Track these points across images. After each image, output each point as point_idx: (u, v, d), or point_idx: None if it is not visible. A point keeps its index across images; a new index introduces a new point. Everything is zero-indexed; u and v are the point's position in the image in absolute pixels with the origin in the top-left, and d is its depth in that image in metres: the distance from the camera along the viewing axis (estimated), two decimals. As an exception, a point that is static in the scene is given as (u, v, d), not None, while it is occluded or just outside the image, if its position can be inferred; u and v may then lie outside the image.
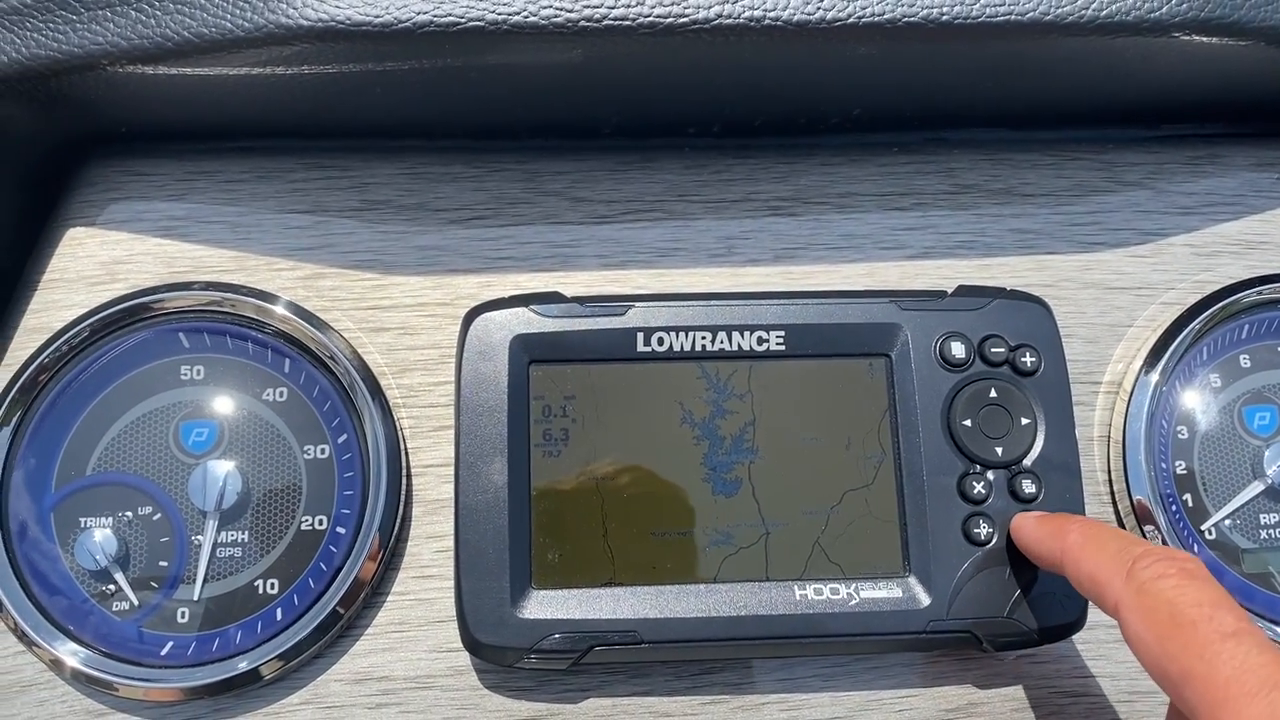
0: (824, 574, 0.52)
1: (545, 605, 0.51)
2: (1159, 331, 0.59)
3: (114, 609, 0.53)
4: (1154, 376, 0.57)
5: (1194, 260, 0.61)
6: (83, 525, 0.53)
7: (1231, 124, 0.65)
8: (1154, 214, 0.62)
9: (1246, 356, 0.60)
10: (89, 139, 0.60)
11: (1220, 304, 0.59)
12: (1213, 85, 0.60)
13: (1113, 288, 0.61)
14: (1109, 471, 0.58)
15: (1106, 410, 0.59)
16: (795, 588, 0.51)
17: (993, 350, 0.54)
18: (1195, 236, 0.62)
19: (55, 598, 0.53)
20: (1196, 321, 0.58)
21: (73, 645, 0.52)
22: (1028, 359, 0.54)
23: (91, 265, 0.58)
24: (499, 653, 0.50)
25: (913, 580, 0.52)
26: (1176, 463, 0.58)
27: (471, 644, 0.51)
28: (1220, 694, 0.35)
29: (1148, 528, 0.55)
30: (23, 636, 0.51)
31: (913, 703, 0.54)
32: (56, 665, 0.51)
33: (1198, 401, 0.59)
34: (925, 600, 0.51)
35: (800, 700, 0.53)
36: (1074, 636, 0.53)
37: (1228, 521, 0.57)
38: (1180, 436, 0.58)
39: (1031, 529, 0.49)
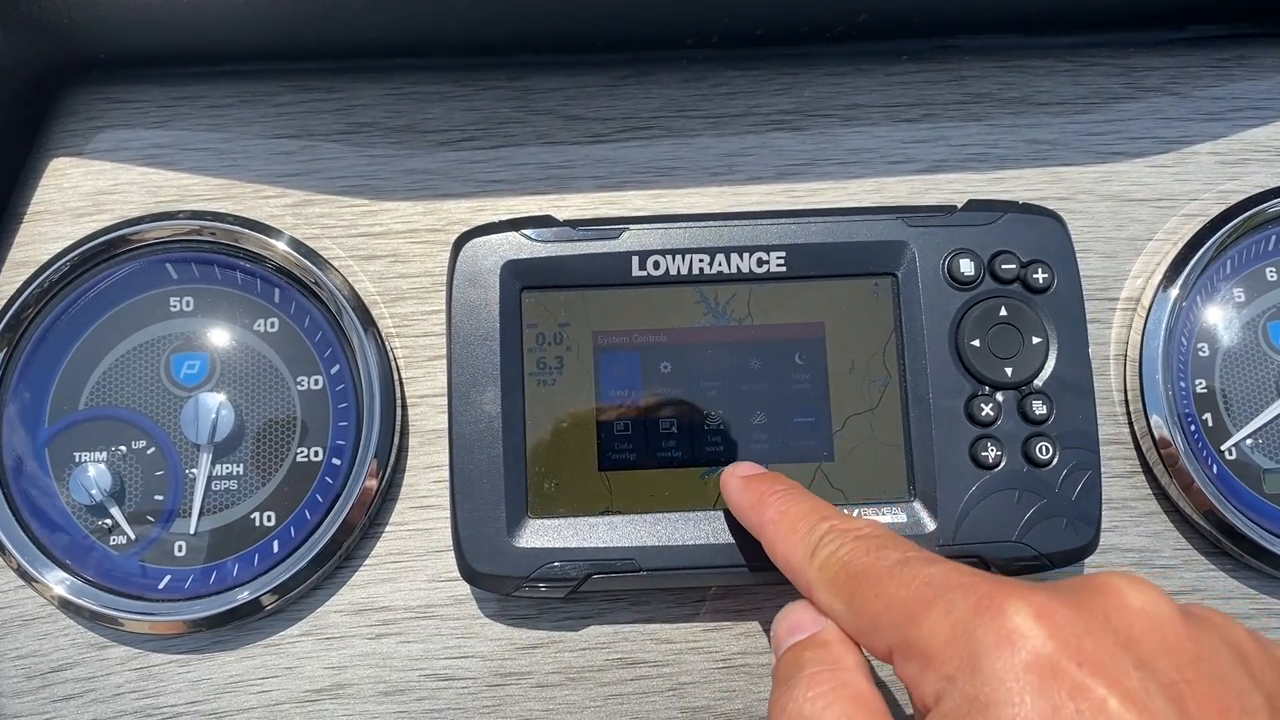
0: (827, 499, 0.50)
1: (542, 534, 0.50)
2: (1180, 245, 0.56)
3: (112, 543, 0.53)
4: (1174, 292, 0.55)
5: (1219, 169, 0.59)
6: (77, 460, 0.53)
7: (1261, 22, 0.61)
8: (1177, 121, 0.59)
9: (1273, 269, 0.57)
10: (69, 66, 0.58)
11: (1246, 214, 0.56)
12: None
13: (1132, 199, 0.58)
14: (1125, 391, 0.56)
15: (1124, 328, 0.57)
16: (797, 514, 0.50)
17: (1003, 267, 0.52)
18: (1221, 144, 0.59)
19: (56, 534, 0.53)
20: (1220, 233, 0.56)
21: (74, 580, 0.52)
22: (1039, 275, 0.52)
23: (76, 196, 0.57)
24: (496, 581, 0.50)
25: (918, 505, 0.50)
26: (1196, 381, 0.56)
27: (468, 573, 0.50)
28: (901, 617, 0.35)
29: (1164, 448, 0.54)
30: (23, 573, 0.51)
31: (919, 628, 0.53)
32: (58, 600, 0.51)
33: (1220, 317, 0.57)
34: (931, 525, 0.50)
35: (804, 626, 0.53)
36: (1085, 560, 0.52)
37: (1249, 441, 0.56)
38: (1201, 354, 0.56)
39: (735, 494, 0.47)
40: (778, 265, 0.52)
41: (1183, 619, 0.33)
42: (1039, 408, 0.51)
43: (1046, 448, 0.50)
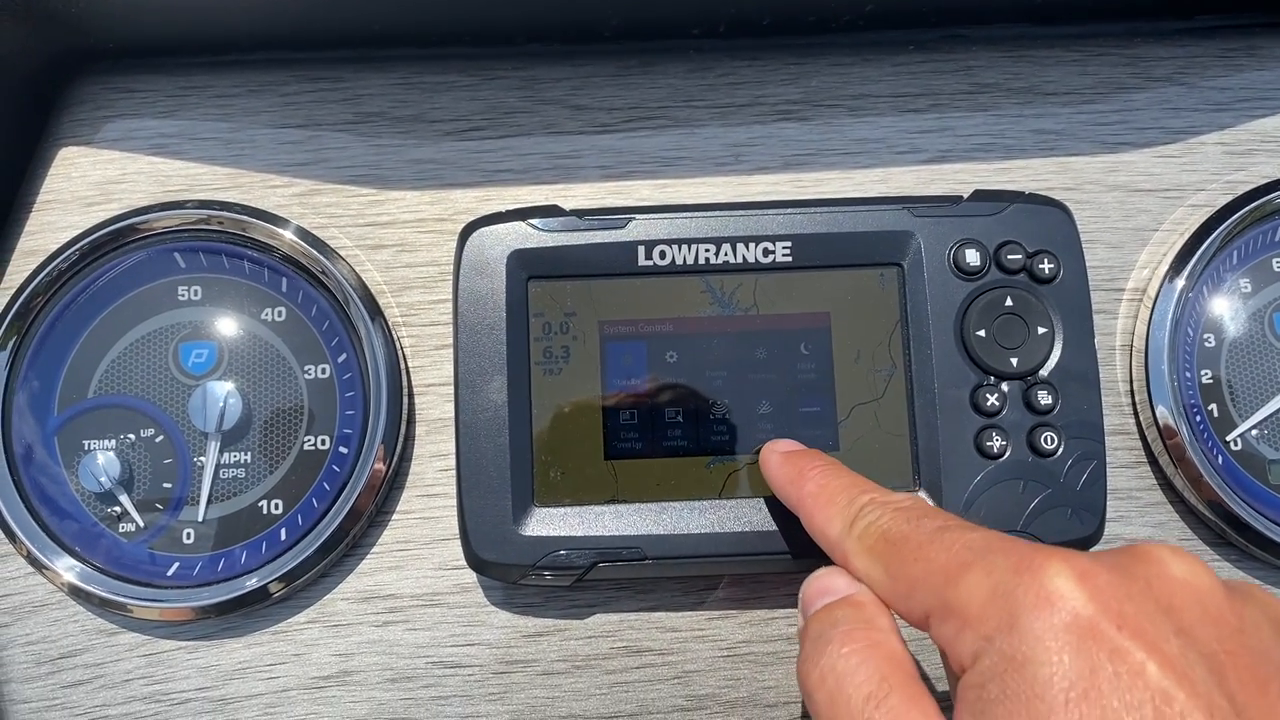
0: (831, 489, 0.51)
1: (548, 522, 0.50)
2: (1186, 235, 0.56)
3: (121, 530, 0.53)
4: (1180, 282, 0.55)
5: (1226, 159, 0.58)
6: (86, 448, 0.53)
7: (1269, 13, 0.61)
8: (1184, 111, 0.59)
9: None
10: (77, 55, 0.58)
11: (1252, 205, 0.56)
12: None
13: (1139, 190, 0.58)
14: (1130, 381, 0.56)
15: (1130, 318, 0.57)
16: (802, 503, 0.50)
17: (1009, 257, 0.52)
18: (1228, 134, 0.59)
19: (65, 521, 0.53)
20: (1227, 224, 0.56)
21: (83, 567, 0.52)
22: (1045, 266, 0.52)
23: (85, 185, 0.57)
24: (502, 570, 0.50)
25: (923, 494, 0.51)
26: (1202, 371, 0.56)
27: (475, 561, 0.50)
28: (940, 579, 0.35)
29: (1170, 438, 0.54)
30: (33, 560, 0.52)
31: (923, 617, 0.53)
32: (67, 586, 0.52)
33: (1226, 308, 0.57)
34: (935, 515, 0.50)
35: (809, 615, 0.53)
36: (1089, 550, 0.52)
37: (1255, 431, 0.56)
38: (1207, 344, 0.56)
39: (775, 469, 0.47)
40: (784, 255, 0.52)
41: (1225, 591, 0.33)
42: (1044, 398, 0.51)
43: (1051, 438, 0.51)
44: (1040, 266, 0.52)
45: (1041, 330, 0.52)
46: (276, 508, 0.53)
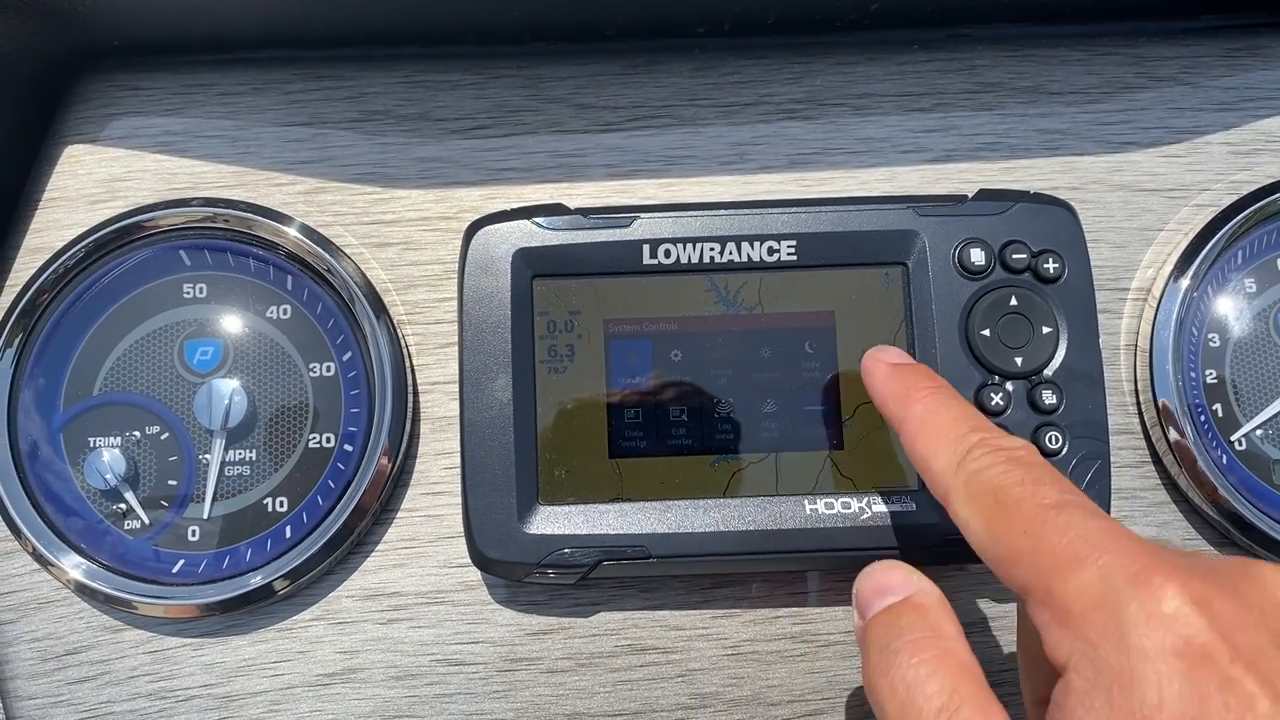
0: (835, 488, 0.51)
1: (552, 520, 0.50)
2: (1191, 235, 0.56)
3: (126, 528, 0.53)
4: (1184, 282, 0.55)
5: (1231, 159, 0.58)
6: (92, 445, 0.54)
7: (1274, 12, 0.61)
8: (1189, 111, 0.59)
9: (1285, 260, 0.57)
10: (82, 53, 0.58)
11: (1257, 205, 0.56)
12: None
13: (1143, 189, 0.58)
14: (1135, 381, 0.56)
15: (1134, 318, 0.57)
16: (806, 502, 0.50)
17: (1014, 257, 0.52)
18: (1233, 134, 0.59)
19: (71, 518, 0.53)
20: (1232, 224, 0.56)
21: (89, 564, 0.52)
22: (1050, 265, 0.52)
23: (91, 183, 0.57)
24: (507, 568, 0.50)
25: (926, 494, 0.51)
26: (1207, 371, 0.56)
27: (479, 559, 0.50)
28: (1049, 563, 0.34)
29: (1174, 438, 0.54)
30: (39, 557, 0.52)
31: (927, 616, 0.53)
32: (73, 583, 0.52)
33: (1231, 307, 0.57)
34: (938, 515, 0.50)
35: (813, 614, 0.53)
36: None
37: (1259, 431, 0.56)
38: (1211, 344, 0.56)
39: (880, 381, 0.46)
40: (788, 254, 0.52)
41: None
42: (1049, 397, 0.51)
43: (1056, 437, 0.51)
44: (1045, 266, 0.52)
45: (1046, 330, 0.52)
46: (281, 505, 0.53)
